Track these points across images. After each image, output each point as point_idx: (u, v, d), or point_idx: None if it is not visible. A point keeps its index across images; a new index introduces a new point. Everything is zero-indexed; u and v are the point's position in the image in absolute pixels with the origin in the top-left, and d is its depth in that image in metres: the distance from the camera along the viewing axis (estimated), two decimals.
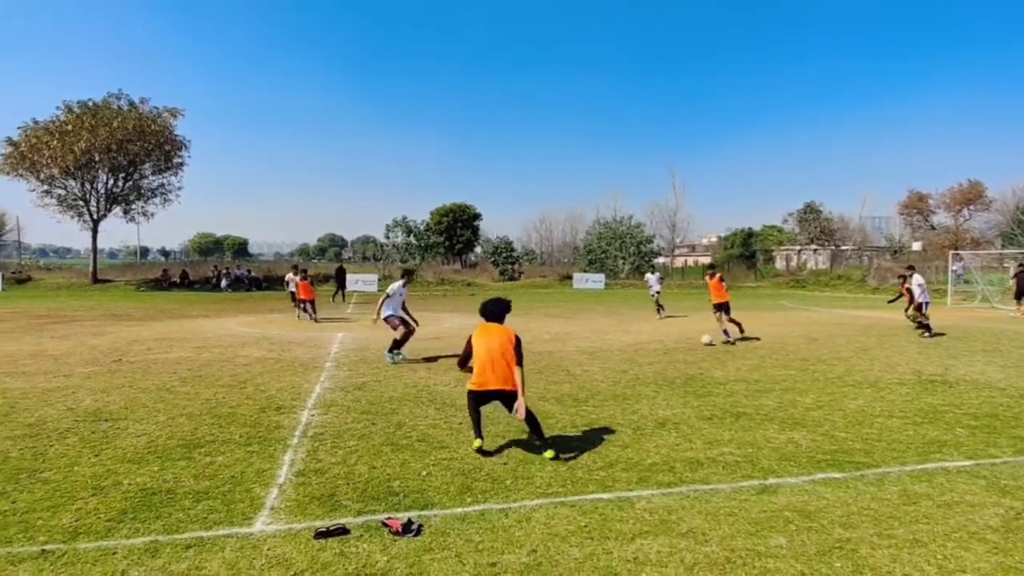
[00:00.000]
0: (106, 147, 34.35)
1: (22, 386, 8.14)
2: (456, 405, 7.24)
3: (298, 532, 3.86)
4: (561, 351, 11.67)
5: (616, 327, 16.30)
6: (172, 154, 37.84)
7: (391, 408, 7.08)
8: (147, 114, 36.27)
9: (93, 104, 35.13)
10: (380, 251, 51.92)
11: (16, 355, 10.79)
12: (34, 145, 33.62)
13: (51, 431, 6.05)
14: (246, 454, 5.41)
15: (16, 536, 3.79)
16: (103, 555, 3.55)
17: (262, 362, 10.22)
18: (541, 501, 4.39)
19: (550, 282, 43.41)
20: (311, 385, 8.35)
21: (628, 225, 49.80)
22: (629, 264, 47.82)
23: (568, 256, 69.61)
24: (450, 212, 56.96)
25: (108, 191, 37.16)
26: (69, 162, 33.92)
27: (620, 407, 7.24)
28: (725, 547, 3.70)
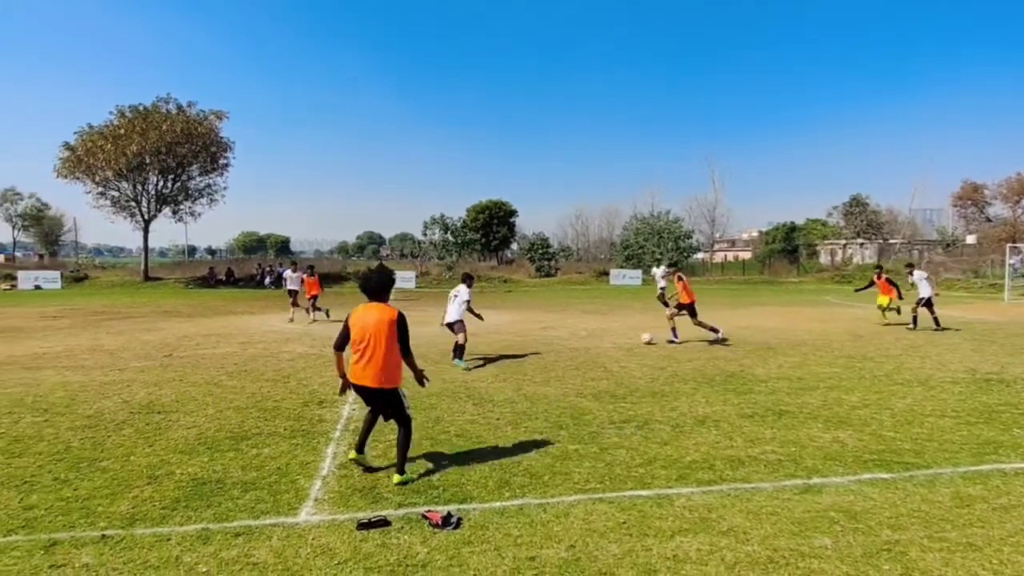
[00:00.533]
0: (156, 150, 35.64)
1: (81, 379, 8.55)
2: (494, 401, 7.29)
3: (341, 523, 3.96)
4: (598, 347, 11.62)
5: (654, 323, 16.12)
6: (218, 155, 39.01)
7: (429, 403, 7.17)
8: (194, 117, 37.47)
9: (144, 108, 36.48)
10: (418, 248, 52.47)
11: (75, 350, 11.33)
12: (89, 149, 35.12)
13: (108, 422, 6.34)
14: (291, 446, 5.57)
15: (78, 521, 3.99)
16: (158, 541, 3.71)
17: (304, 357, 10.47)
18: (579, 497, 4.39)
19: (586, 278, 43.17)
20: None
21: (666, 220, 49.11)
22: (667, 259, 47.18)
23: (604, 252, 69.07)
24: (486, 209, 57.19)
25: (158, 192, 38.55)
26: (122, 165, 35.33)
27: (658, 404, 7.17)
28: (767, 546, 3.64)
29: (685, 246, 48.21)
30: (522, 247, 57.26)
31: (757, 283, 40.47)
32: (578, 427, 6.20)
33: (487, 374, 8.92)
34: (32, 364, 9.81)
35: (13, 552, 3.56)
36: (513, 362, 9.97)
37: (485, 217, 56.65)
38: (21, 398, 7.42)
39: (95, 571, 3.35)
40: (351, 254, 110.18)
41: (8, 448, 5.50)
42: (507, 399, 7.40)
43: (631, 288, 36.66)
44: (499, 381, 8.46)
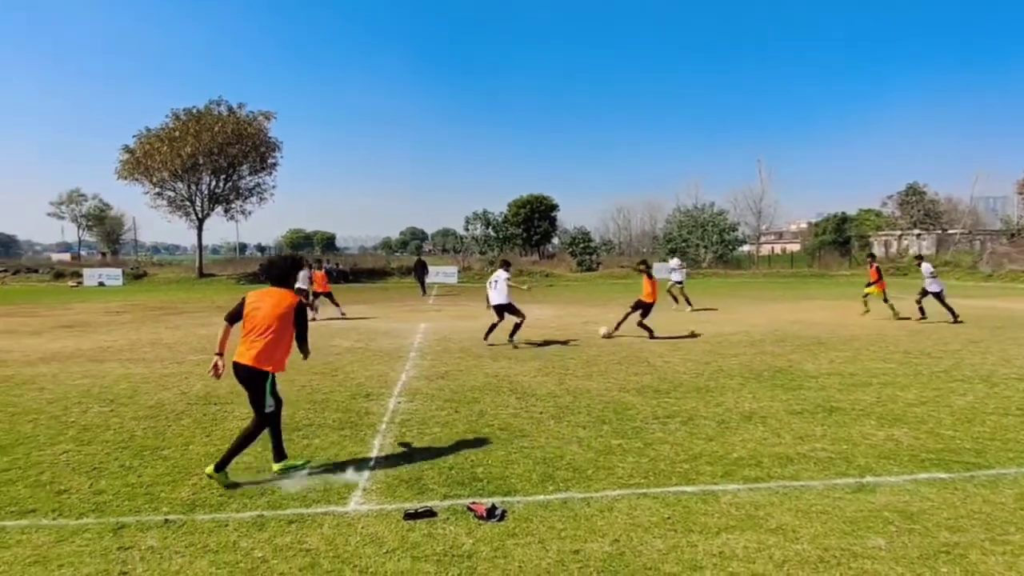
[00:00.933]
0: (208, 150, 36.93)
1: (143, 372, 8.97)
2: (536, 395, 7.32)
3: (389, 512, 4.05)
4: (641, 342, 11.50)
5: (698, 317, 15.85)
6: (267, 155, 40.15)
7: (473, 397, 7.25)
8: (244, 118, 38.65)
9: (197, 111, 37.83)
10: (460, 243, 52.90)
11: (137, 343, 11.89)
12: (147, 151, 36.67)
13: (168, 413, 6.64)
14: (339, 438, 5.72)
15: (143, 506, 4.21)
16: (217, 526, 3.88)
17: (351, 351, 10.72)
18: (623, 492, 4.38)
19: (629, 272, 42.69)
20: (397, 374, 8.69)
21: (710, 212, 48.09)
22: (712, 253, 46.23)
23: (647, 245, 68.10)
24: (527, 204, 57.12)
25: (211, 191, 39.94)
26: (177, 166, 36.76)
27: (703, 399, 7.07)
28: (818, 546, 3.56)
29: (730, 239, 47.15)
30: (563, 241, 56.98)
31: (806, 276, 39.26)
32: (621, 422, 6.17)
33: (530, 368, 8.96)
34: (98, 357, 10.35)
35: (85, 534, 3.78)
36: (555, 356, 9.97)
37: (526, 212, 56.59)
38: (88, 389, 7.85)
39: (160, 553, 3.53)
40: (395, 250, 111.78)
41: (78, 436, 5.83)
42: (549, 393, 7.41)
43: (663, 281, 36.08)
44: (541, 375, 8.48)
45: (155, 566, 3.39)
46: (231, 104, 38.64)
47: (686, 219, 49.17)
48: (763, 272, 41.63)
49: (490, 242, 49.99)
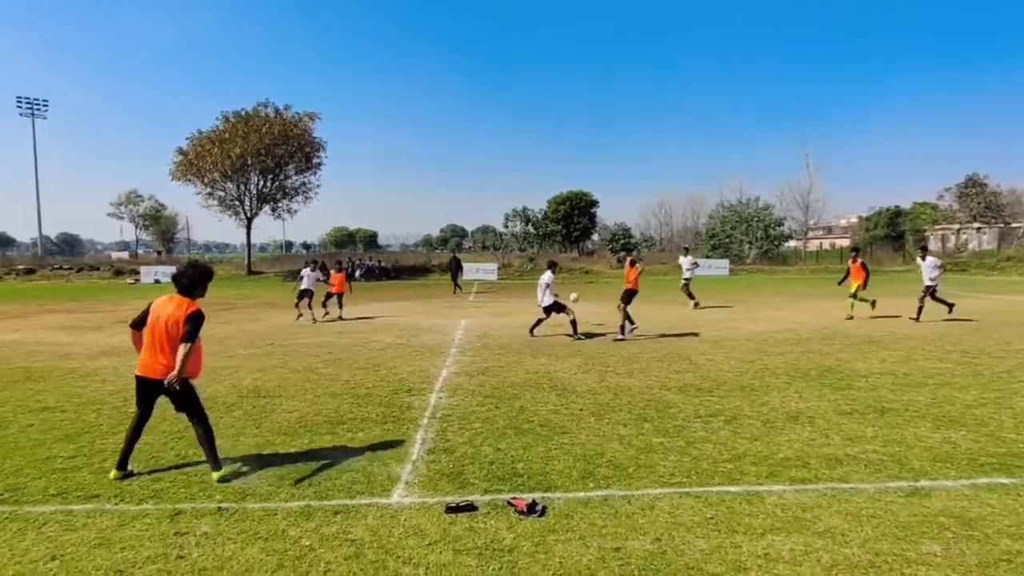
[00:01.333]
0: (256, 151, 38.03)
1: None
2: (577, 391, 7.30)
3: (431, 506, 4.12)
4: (683, 340, 11.33)
5: (742, 315, 15.52)
6: (311, 155, 41.11)
7: (513, 393, 7.28)
8: (290, 119, 39.66)
9: (245, 113, 39.01)
10: (499, 240, 53.09)
11: None
12: (199, 153, 38.02)
13: (221, 405, 6.89)
14: (382, 432, 5.83)
15: (197, 494, 4.39)
16: (267, 515, 4.02)
17: (393, 347, 10.90)
18: (665, 490, 4.33)
19: (670, 268, 42.05)
20: (438, 369, 8.80)
21: (755, 207, 46.91)
22: (756, 249, 45.11)
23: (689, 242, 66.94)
24: (567, 200, 56.88)
25: (259, 191, 41.14)
26: (227, 166, 38.00)
27: (748, 398, 6.92)
28: (868, 550, 3.45)
29: (776, 234, 45.91)
30: (603, 238, 56.59)
31: None
32: (663, 420, 6.09)
33: (570, 365, 8.93)
34: None
35: (144, 519, 3.97)
36: (596, 353, 9.91)
37: (566, 208, 56.36)
38: None
39: (213, 539, 3.68)
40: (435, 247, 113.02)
41: None
42: (590, 390, 7.38)
43: (717, 279, 35.39)
44: (582, 372, 8.45)
45: (209, 551, 3.53)
46: (278, 106, 39.74)
47: (730, 214, 48.10)
48: (810, 268, 40.37)
49: (530, 239, 50.05)
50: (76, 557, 3.49)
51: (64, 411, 6.74)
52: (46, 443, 5.60)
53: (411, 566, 3.34)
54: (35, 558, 3.48)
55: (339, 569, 3.32)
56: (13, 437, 5.78)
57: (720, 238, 47.21)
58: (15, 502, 4.28)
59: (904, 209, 58.91)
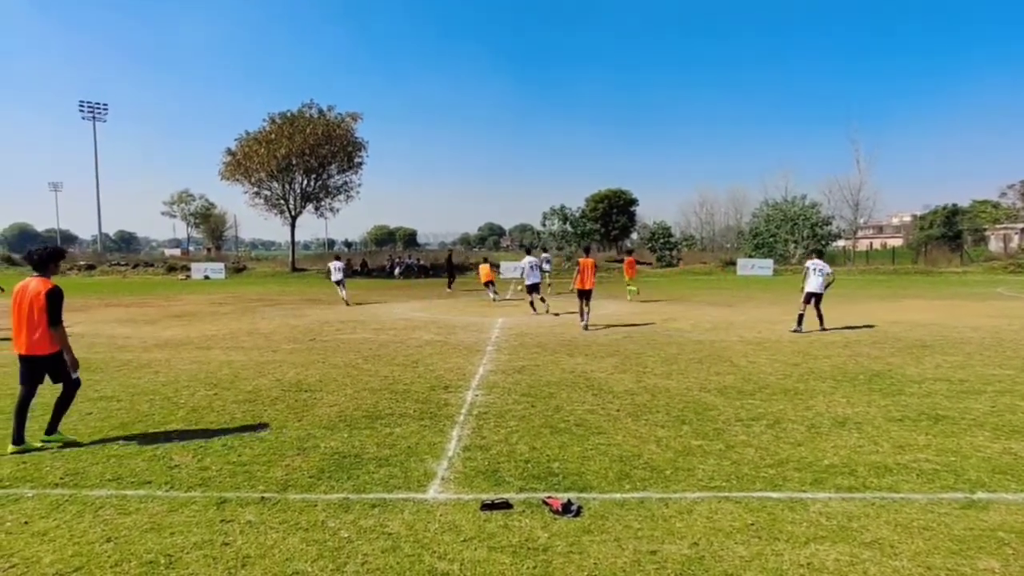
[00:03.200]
0: (301, 151, 39.02)
1: (242, 359, 9.62)
2: (613, 392, 7.23)
3: (466, 502, 4.14)
4: (724, 341, 11.10)
5: (786, 316, 15.08)
6: (353, 155, 41.94)
7: (549, 392, 7.26)
8: (333, 120, 40.53)
9: (291, 114, 40.05)
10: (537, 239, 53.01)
11: (237, 333, 12.77)
12: (247, 153, 39.25)
13: (264, 398, 7.09)
14: (419, 427, 5.90)
15: (242, 483, 4.52)
16: (307, 506, 4.11)
17: (431, 344, 11.01)
18: (703, 494, 4.25)
19: (711, 268, 41.31)
20: (474, 367, 8.84)
21: (801, 205, 45.56)
22: (802, 248, 43.81)
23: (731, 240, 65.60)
24: (605, 198, 56.39)
25: (303, 190, 42.20)
26: (273, 166, 39.11)
27: (791, 402, 6.73)
28: (919, 564, 3.31)
29: (823, 233, 44.48)
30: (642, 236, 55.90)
31: (910, 273, 36.46)
32: (702, 422, 5.98)
33: (607, 365, 8.86)
34: (203, 344, 11.19)
35: (193, 506, 4.11)
36: (633, 353, 9.80)
37: (604, 207, 55.89)
38: (196, 374, 8.51)
39: (257, 528, 3.78)
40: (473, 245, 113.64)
41: (187, 417, 6.34)
42: (627, 391, 7.30)
43: (761, 279, 34.56)
44: (619, 372, 8.37)
45: (253, 539, 3.63)
46: (321, 107, 40.66)
47: (774, 212, 46.83)
48: (860, 269, 39.01)
49: (567, 237, 49.72)
50: (129, 540, 3.64)
51: (120, 400, 7.04)
52: (103, 430, 5.87)
53: (446, 561, 3.36)
54: (92, 539, 3.65)
55: (376, 562, 3.37)
56: (73, 424, 6.06)
57: (764, 237, 46.02)
58: (75, 486, 4.49)
59: (962, 207, 56.27)
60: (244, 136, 40.30)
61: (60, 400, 5.41)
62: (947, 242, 50.30)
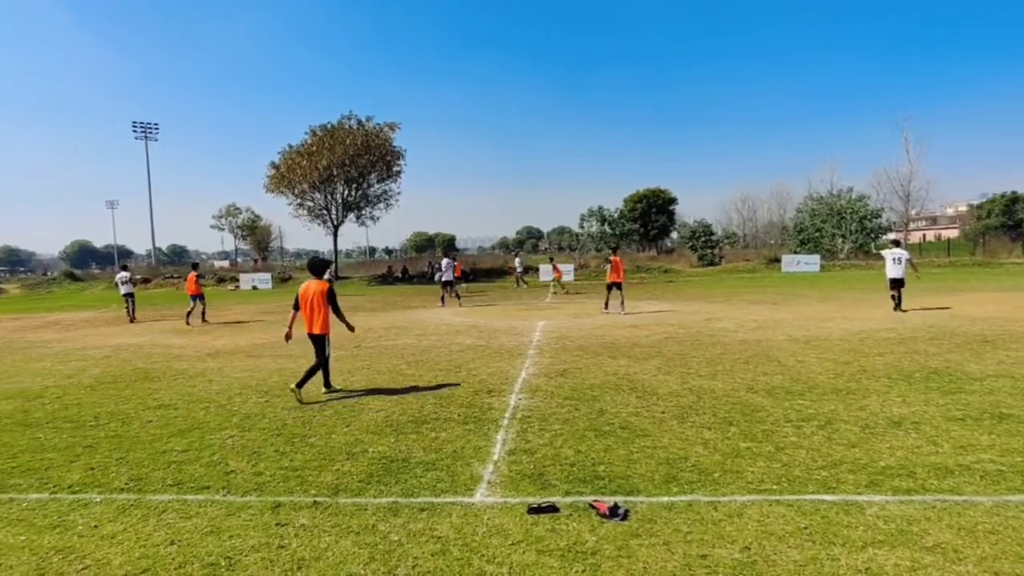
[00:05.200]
0: (341, 162, 39.90)
1: (291, 366, 9.89)
2: (658, 394, 7.15)
3: (513, 506, 4.16)
4: (770, 340, 10.83)
5: (835, 313, 14.64)
6: (392, 163, 42.62)
7: (593, 395, 7.23)
8: (372, 130, 41.30)
9: (331, 126, 41.00)
10: (575, 241, 52.80)
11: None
12: (290, 166, 40.36)
13: (314, 404, 7.27)
14: (464, 432, 5.96)
15: (295, 488, 4.66)
16: (358, 510, 4.20)
17: (473, 349, 11.10)
18: (753, 497, 4.17)
19: (755, 266, 40.33)
20: (517, 371, 8.87)
21: (848, 198, 44.11)
22: (850, 243, 42.41)
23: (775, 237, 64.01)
24: (644, 198, 55.82)
25: (344, 200, 43.11)
26: (315, 178, 40.10)
27: (843, 402, 6.53)
28: (986, 569, 3.17)
29: (872, 226, 42.94)
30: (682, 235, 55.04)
31: (967, 265, 34.83)
32: (750, 424, 5.86)
33: (650, 367, 8.76)
34: (254, 353, 11.55)
35: (249, 510, 4.26)
36: (676, 354, 9.67)
37: (643, 206, 55.33)
38: (247, 381, 8.79)
39: (311, 531, 3.89)
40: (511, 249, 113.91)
41: (241, 423, 6.56)
42: (671, 392, 7.21)
43: (807, 275, 33.55)
44: (662, 374, 8.27)
45: (307, 542, 3.74)
46: (360, 118, 41.49)
47: (820, 207, 45.47)
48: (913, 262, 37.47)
49: (606, 238, 49.33)
50: (191, 543, 3.79)
51: (177, 408, 7.34)
52: (162, 438, 6.13)
53: (495, 565, 3.39)
54: (156, 542, 3.82)
55: (426, 565, 3.43)
56: (135, 432, 6.35)
57: (809, 232, 44.72)
58: (139, 491, 4.71)
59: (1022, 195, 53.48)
60: (287, 149, 41.47)
61: (313, 367, 7.58)
62: (1007, 231, 47.88)
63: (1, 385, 9.24)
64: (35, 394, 8.46)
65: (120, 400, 7.88)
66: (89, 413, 7.24)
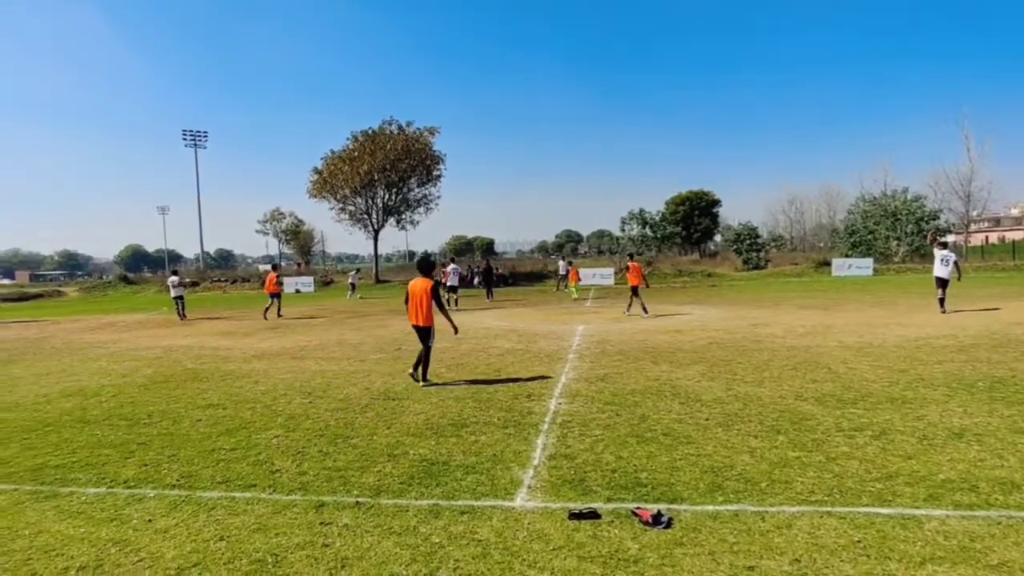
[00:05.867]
0: (382, 167, 40.69)
1: (334, 368, 10.12)
2: (702, 400, 7.03)
3: (553, 511, 4.16)
4: (820, 346, 10.52)
5: (889, 319, 14.11)
6: (432, 168, 43.23)
7: (634, 400, 7.16)
8: (412, 134, 41.98)
9: (372, 132, 41.85)
10: (615, 244, 52.39)
11: (327, 343, 13.43)
12: (332, 171, 41.39)
13: (355, 406, 7.42)
14: (504, 435, 5.98)
15: (338, 488, 4.76)
16: (399, 511, 4.27)
17: (512, 353, 11.13)
18: (803, 508, 4.05)
19: (803, 269, 39.24)
20: (556, 375, 8.86)
21: (903, 199, 42.50)
22: (906, 245, 40.83)
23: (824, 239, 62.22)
24: (686, 200, 55.03)
25: (384, 204, 43.90)
26: (356, 183, 41.01)
27: (899, 412, 6.29)
28: None
29: (929, 228, 41.24)
30: (726, 238, 54.01)
31: None
32: (799, 432, 5.70)
33: (693, 372, 8.62)
34: (298, 355, 11.86)
35: (294, 509, 4.37)
36: (721, 360, 9.48)
37: (686, 209, 54.54)
38: (292, 383, 9.03)
39: (353, 531, 3.97)
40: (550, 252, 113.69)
41: (286, 423, 6.74)
42: (716, 399, 7.08)
43: (859, 279, 32.45)
44: (706, 380, 8.12)
45: (350, 542, 3.82)
46: (400, 123, 42.22)
47: (873, 208, 43.97)
48: (974, 265, 35.83)
49: (647, 242, 48.83)
50: (239, 539, 3.92)
51: (225, 408, 7.59)
52: (211, 436, 6.34)
53: (536, 570, 3.40)
54: (207, 538, 3.97)
55: (467, 567, 3.45)
56: (185, 430, 6.60)
57: (862, 235, 43.27)
58: (189, 487, 4.89)
59: None
60: (329, 155, 42.52)
61: (423, 358, 8.55)
62: None
63: (61, 383, 9.74)
64: (93, 392, 8.88)
65: (171, 399, 8.20)
66: (143, 411, 7.56)
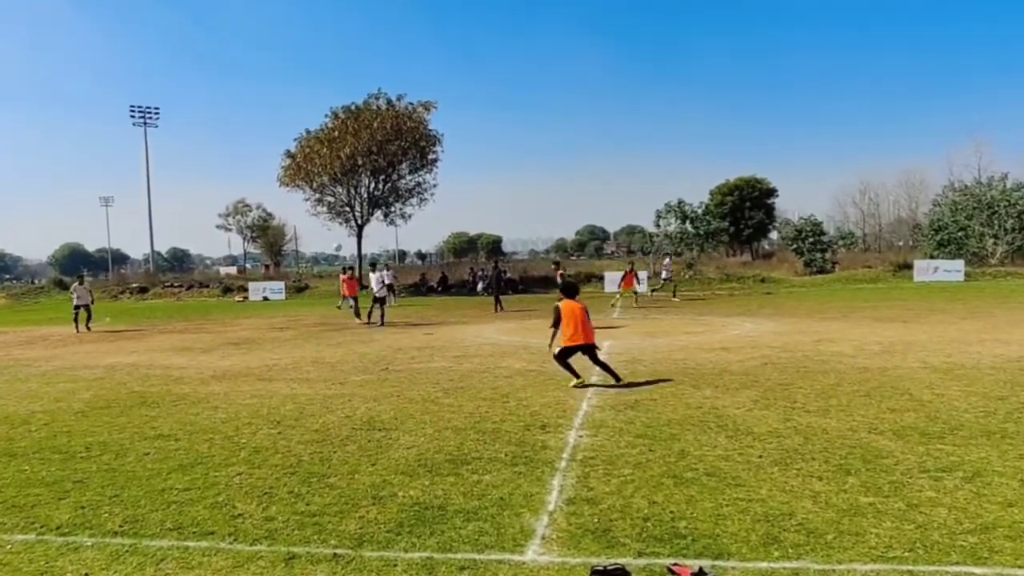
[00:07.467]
0: (367, 150, 40.97)
1: (308, 392, 10.17)
2: (753, 433, 7.01)
3: (573, 567, 4.15)
4: (899, 367, 10.46)
5: (986, 335, 14.00)
6: (427, 150, 43.47)
7: (671, 433, 7.14)
8: (403, 111, 42.26)
9: (355, 108, 42.17)
10: (649, 242, 52.29)
11: (300, 362, 13.51)
12: (307, 155, 41.74)
13: (333, 438, 7.45)
14: (513, 475, 5.98)
15: (312, 537, 4.78)
16: (385, 565, 4.27)
17: (523, 374, 11.15)
18: (879, 567, 4.02)
19: (879, 273, 39.03)
20: (577, 402, 8.86)
21: (1002, 188, 42.19)
22: (1005, 244, 40.49)
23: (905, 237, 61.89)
24: (735, 189, 55.00)
25: (370, 195, 44.20)
26: (336, 168, 41.31)
27: (997, 448, 6.23)
28: None
29: None
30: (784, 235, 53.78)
31: None
32: (873, 473, 5.67)
33: (743, 399, 8.59)
34: (265, 375, 11.94)
35: (259, 561, 4.39)
36: (777, 384, 9.45)
37: (734, 200, 54.51)
38: (257, 409, 9.09)
39: None
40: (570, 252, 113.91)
41: (249, 458, 6.78)
42: (771, 431, 7.05)
43: (948, 286, 32.22)
44: (760, 408, 8.09)
45: None
46: (390, 96, 42.53)
47: (963, 199, 43.71)
48: None
49: (687, 239, 48.58)
50: None
51: (177, 439, 7.65)
52: (161, 473, 6.39)
53: None
54: None
55: None
56: (131, 466, 6.65)
57: (951, 231, 42.98)
58: (134, 535, 4.93)
59: None
60: (304, 135, 42.83)
61: (601, 365, 10.24)
62: None
63: None
64: (21, 420, 8.98)
65: (114, 428, 8.27)
66: (80, 443, 7.63)
